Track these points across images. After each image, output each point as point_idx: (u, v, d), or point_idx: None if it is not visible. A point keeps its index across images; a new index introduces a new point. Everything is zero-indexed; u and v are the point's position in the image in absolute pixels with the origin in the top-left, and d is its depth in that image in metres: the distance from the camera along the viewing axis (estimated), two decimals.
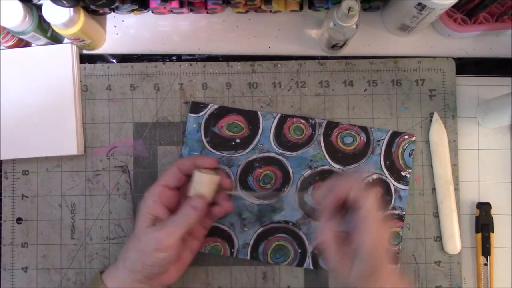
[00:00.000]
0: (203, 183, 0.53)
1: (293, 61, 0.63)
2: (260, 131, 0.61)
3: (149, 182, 0.61)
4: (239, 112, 0.62)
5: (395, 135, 0.61)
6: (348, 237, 0.48)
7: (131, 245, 0.52)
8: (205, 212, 0.52)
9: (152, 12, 0.62)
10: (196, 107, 0.61)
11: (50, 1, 0.52)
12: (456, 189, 0.61)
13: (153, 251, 0.50)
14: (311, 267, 0.60)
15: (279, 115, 0.62)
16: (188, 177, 0.54)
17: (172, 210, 0.53)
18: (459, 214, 0.61)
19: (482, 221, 0.61)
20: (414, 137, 0.61)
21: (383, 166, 0.61)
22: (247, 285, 0.60)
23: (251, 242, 0.60)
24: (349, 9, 0.52)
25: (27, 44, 0.62)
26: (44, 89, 0.61)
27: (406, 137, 0.61)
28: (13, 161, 0.61)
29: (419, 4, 0.53)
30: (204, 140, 0.61)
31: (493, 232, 0.61)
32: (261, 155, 0.61)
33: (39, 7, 0.55)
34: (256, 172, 0.61)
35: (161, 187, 0.53)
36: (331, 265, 0.48)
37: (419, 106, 0.62)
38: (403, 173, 0.61)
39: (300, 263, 0.60)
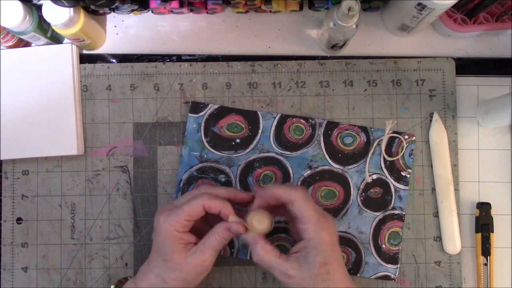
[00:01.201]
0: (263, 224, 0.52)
1: (293, 61, 0.63)
2: (260, 131, 0.61)
3: (149, 182, 0.61)
4: (239, 112, 0.62)
5: (395, 135, 0.61)
6: (295, 240, 0.51)
7: (167, 277, 0.51)
8: None
9: (152, 12, 0.62)
10: (196, 107, 0.61)
11: (50, 1, 0.52)
12: (456, 189, 0.61)
13: (198, 276, 0.52)
14: None
15: (279, 115, 0.62)
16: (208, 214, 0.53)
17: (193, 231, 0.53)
18: (459, 214, 0.61)
19: (482, 221, 0.61)
20: (414, 137, 0.61)
21: (383, 166, 0.61)
22: (247, 285, 0.60)
23: None
24: (349, 9, 0.52)
25: (27, 44, 0.62)
26: (44, 89, 0.61)
27: (406, 137, 0.61)
28: (13, 161, 0.61)
29: (419, 4, 0.53)
30: (204, 140, 0.61)
31: (493, 232, 0.61)
32: (261, 155, 0.61)
33: (39, 7, 0.55)
34: (256, 172, 0.61)
35: (185, 221, 0.51)
36: (280, 271, 0.49)
37: (419, 106, 0.62)
38: (403, 173, 0.61)
39: None
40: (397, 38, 0.64)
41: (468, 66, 0.64)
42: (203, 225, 0.55)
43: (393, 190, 0.61)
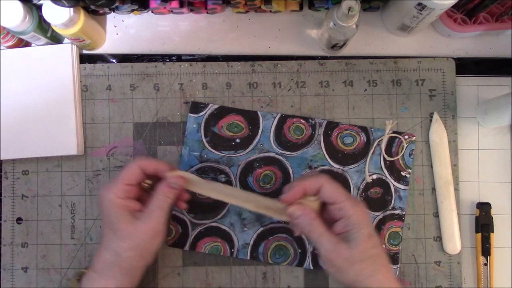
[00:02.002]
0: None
1: (293, 61, 0.63)
2: (260, 131, 0.61)
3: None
4: (239, 112, 0.62)
5: (395, 135, 0.61)
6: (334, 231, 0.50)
7: (119, 248, 0.50)
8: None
9: (152, 12, 0.62)
10: (196, 107, 0.61)
11: (50, 1, 0.52)
12: (456, 189, 0.61)
13: (151, 241, 0.51)
14: (311, 267, 0.60)
15: (279, 115, 0.62)
16: (146, 175, 0.53)
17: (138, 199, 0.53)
18: (459, 214, 0.61)
19: (482, 221, 0.61)
20: (414, 137, 0.61)
21: (383, 166, 0.61)
22: (247, 285, 0.60)
23: (251, 242, 0.60)
24: (349, 9, 0.52)
25: (27, 44, 0.62)
26: (44, 89, 0.61)
27: (406, 137, 0.61)
28: (13, 161, 0.61)
29: (419, 4, 0.53)
30: (204, 140, 0.61)
31: (493, 232, 0.61)
32: (261, 155, 0.61)
33: (39, 7, 0.55)
34: (256, 172, 0.61)
35: (124, 185, 0.51)
36: (326, 248, 0.49)
37: (419, 106, 0.62)
38: (403, 173, 0.61)
39: (300, 263, 0.60)
40: (397, 38, 0.64)
41: (468, 66, 0.64)
42: (150, 197, 0.54)
43: (393, 190, 0.61)
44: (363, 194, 0.61)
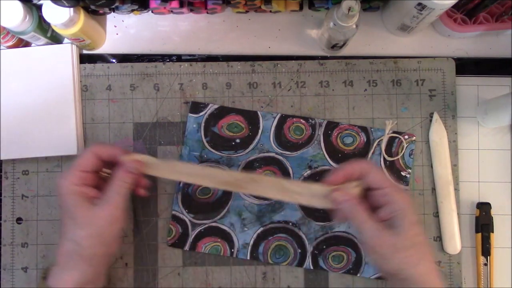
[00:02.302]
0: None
1: (293, 61, 0.63)
2: (260, 131, 0.61)
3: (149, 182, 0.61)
4: (239, 112, 0.62)
5: (395, 135, 0.61)
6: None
7: (78, 236, 0.49)
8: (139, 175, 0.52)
9: (152, 12, 0.62)
10: (196, 107, 0.61)
11: (50, 1, 0.52)
12: (456, 189, 0.61)
13: (110, 227, 0.49)
14: (311, 267, 0.60)
15: (279, 115, 0.62)
16: (103, 162, 0.52)
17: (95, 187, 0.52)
18: (459, 214, 0.61)
19: (482, 221, 0.61)
20: (414, 137, 0.61)
21: (383, 166, 0.61)
22: (247, 285, 0.60)
23: (251, 242, 0.60)
24: (349, 9, 0.52)
25: (27, 44, 0.62)
26: (44, 89, 0.61)
27: (406, 137, 0.61)
28: (13, 161, 0.61)
29: (419, 4, 0.53)
30: (204, 140, 0.61)
31: (493, 232, 0.61)
32: (261, 155, 0.61)
33: (39, 7, 0.55)
34: (256, 172, 0.61)
35: (79, 172, 0.51)
36: (370, 235, 0.48)
37: (419, 106, 0.62)
38: (403, 173, 0.61)
39: (300, 263, 0.60)
40: (397, 38, 0.64)
41: (468, 66, 0.64)
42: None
43: None
44: None
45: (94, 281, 0.51)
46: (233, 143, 0.61)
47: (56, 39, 0.61)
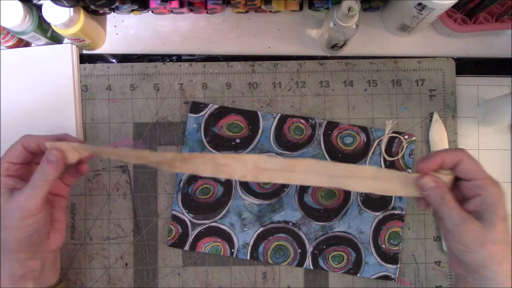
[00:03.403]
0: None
1: (293, 61, 0.63)
2: (260, 131, 0.61)
3: (149, 182, 0.61)
4: (239, 112, 0.62)
5: (395, 135, 0.61)
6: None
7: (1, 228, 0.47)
8: (63, 167, 0.49)
9: (152, 12, 0.62)
10: (196, 107, 0.61)
11: (50, 1, 0.52)
12: None
13: (20, 220, 0.47)
14: (311, 267, 0.60)
15: (279, 115, 0.62)
16: (33, 154, 0.51)
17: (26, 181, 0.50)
18: None
19: None
20: (414, 137, 0.61)
21: (383, 166, 0.61)
22: (247, 285, 0.60)
23: (251, 242, 0.60)
24: (349, 9, 0.52)
25: (27, 44, 0.62)
26: (44, 89, 0.61)
27: (406, 137, 0.61)
28: None
29: (419, 4, 0.53)
30: (204, 140, 0.61)
31: None
32: None
33: (39, 7, 0.55)
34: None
35: (6, 163, 0.49)
36: (456, 222, 0.45)
37: (419, 106, 0.62)
38: None
39: (300, 263, 0.60)
40: (397, 38, 0.64)
41: (468, 66, 0.64)
42: (60, 186, 0.53)
43: None
44: (363, 194, 0.61)
45: (33, 278, 0.49)
46: (233, 143, 0.61)
47: (56, 39, 0.61)
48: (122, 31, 0.64)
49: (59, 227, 0.53)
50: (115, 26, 0.64)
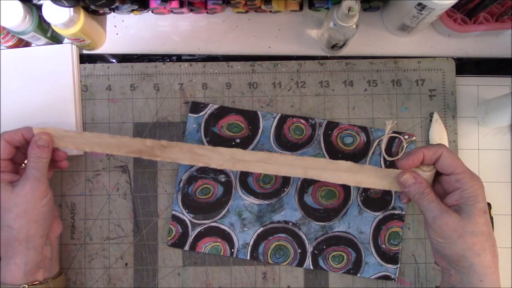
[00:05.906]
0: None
1: (293, 61, 0.63)
2: (260, 131, 0.61)
3: (149, 182, 0.61)
4: (239, 112, 0.62)
5: (395, 135, 0.61)
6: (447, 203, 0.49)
7: (8, 220, 0.50)
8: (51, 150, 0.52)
9: (152, 12, 0.62)
10: (196, 107, 0.61)
11: (50, 1, 0.52)
12: None
13: (37, 200, 0.50)
14: (311, 267, 0.60)
15: (279, 115, 0.62)
16: (18, 148, 0.53)
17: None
18: None
19: None
20: (414, 137, 0.61)
21: (383, 166, 0.61)
22: (247, 285, 0.60)
23: (251, 242, 0.60)
24: (349, 9, 0.52)
25: (27, 44, 0.62)
26: (44, 89, 0.61)
27: (406, 137, 0.61)
28: None
29: (419, 4, 0.53)
30: (204, 140, 0.61)
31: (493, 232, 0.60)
32: None
33: (39, 7, 0.55)
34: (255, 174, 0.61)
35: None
36: (435, 215, 0.47)
37: (419, 106, 0.62)
38: None
39: (300, 263, 0.60)
40: (397, 38, 0.64)
41: (468, 66, 0.64)
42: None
43: (393, 190, 0.61)
44: (363, 194, 0.61)
45: (44, 266, 0.52)
46: (233, 143, 0.61)
47: (56, 39, 0.61)
48: (122, 31, 0.64)
49: (55, 214, 0.55)
50: (115, 26, 0.64)
